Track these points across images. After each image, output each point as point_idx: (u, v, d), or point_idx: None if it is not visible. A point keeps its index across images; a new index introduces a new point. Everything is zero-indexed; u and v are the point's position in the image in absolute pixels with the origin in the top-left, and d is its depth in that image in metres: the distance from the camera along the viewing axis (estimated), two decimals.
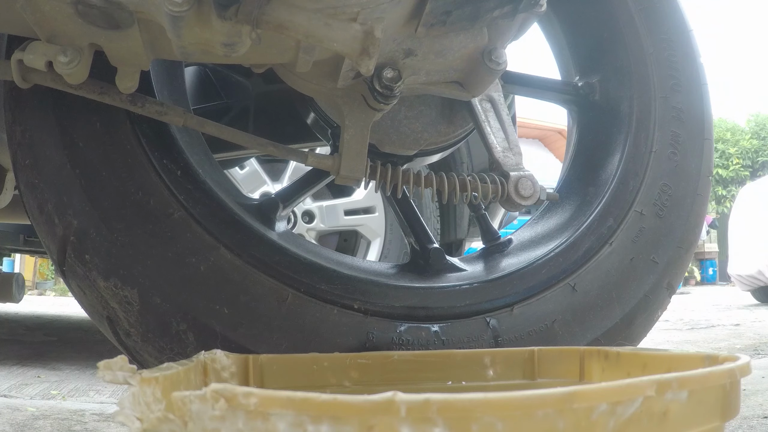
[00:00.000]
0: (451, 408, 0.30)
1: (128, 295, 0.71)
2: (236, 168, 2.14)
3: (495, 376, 0.68)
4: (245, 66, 0.79)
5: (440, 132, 0.85)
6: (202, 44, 0.61)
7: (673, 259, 0.89)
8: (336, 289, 0.77)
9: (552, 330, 0.82)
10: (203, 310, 0.72)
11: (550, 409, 0.32)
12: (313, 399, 0.30)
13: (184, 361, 0.54)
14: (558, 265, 0.85)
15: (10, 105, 0.77)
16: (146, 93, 0.74)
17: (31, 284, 9.68)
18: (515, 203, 0.79)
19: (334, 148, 0.85)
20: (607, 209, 0.88)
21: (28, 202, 0.76)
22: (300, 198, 0.93)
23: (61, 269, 0.75)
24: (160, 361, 0.71)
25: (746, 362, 0.43)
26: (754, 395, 1.28)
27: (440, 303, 0.80)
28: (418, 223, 0.89)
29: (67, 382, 1.70)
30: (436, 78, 0.73)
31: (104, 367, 0.40)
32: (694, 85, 0.95)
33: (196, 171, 0.77)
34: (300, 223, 2.24)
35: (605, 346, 0.66)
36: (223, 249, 0.74)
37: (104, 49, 0.64)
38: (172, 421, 0.32)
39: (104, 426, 1.13)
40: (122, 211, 0.72)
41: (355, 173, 0.73)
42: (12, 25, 0.63)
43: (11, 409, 1.24)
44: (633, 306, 0.86)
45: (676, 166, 0.91)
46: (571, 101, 0.99)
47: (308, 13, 0.55)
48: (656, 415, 0.35)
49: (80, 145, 0.73)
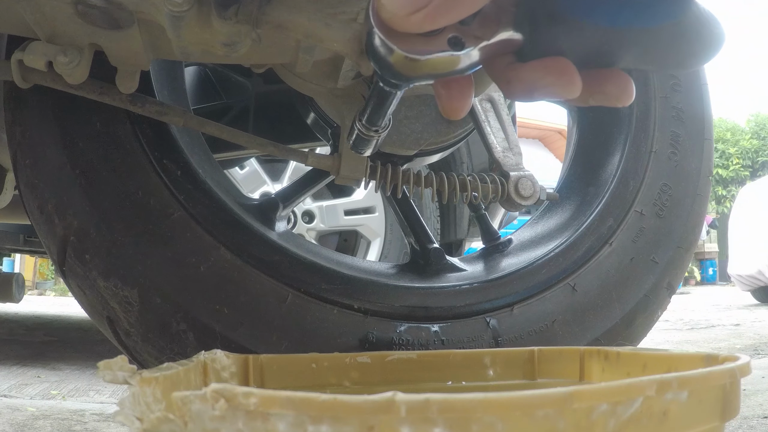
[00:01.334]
0: (451, 408, 0.30)
1: (128, 295, 0.71)
2: (236, 168, 2.14)
3: (495, 376, 0.68)
4: (245, 66, 0.80)
5: (440, 132, 0.85)
6: (202, 44, 0.61)
7: (673, 259, 0.89)
8: (336, 289, 0.77)
9: (552, 330, 0.82)
10: (203, 310, 0.72)
11: (550, 409, 0.32)
12: (313, 399, 0.30)
13: (184, 361, 0.54)
14: (558, 265, 0.85)
15: (10, 105, 0.77)
16: (146, 93, 0.74)
17: (31, 284, 9.68)
18: (515, 203, 0.79)
19: (334, 148, 0.85)
20: (607, 209, 0.88)
21: (28, 202, 0.76)
22: (300, 198, 0.93)
23: (61, 269, 0.75)
24: (160, 361, 0.71)
25: (746, 362, 0.43)
26: (754, 395, 1.28)
27: (440, 303, 0.80)
28: (418, 223, 0.89)
29: (67, 382, 1.70)
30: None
31: (104, 367, 0.40)
32: (694, 85, 0.95)
33: (196, 171, 0.77)
34: (300, 223, 2.24)
35: (605, 346, 0.66)
36: (223, 249, 0.74)
37: (104, 49, 0.64)
38: (172, 421, 0.32)
39: (104, 426, 1.13)
40: (122, 211, 0.72)
41: (355, 173, 0.73)
42: (12, 25, 0.63)
43: (11, 409, 1.24)
44: (633, 306, 0.86)
45: (676, 166, 0.91)
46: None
47: (308, 13, 0.55)
48: (656, 415, 0.35)
49: (80, 145, 0.73)
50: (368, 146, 0.57)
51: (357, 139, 0.56)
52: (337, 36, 0.56)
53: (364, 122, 0.53)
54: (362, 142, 0.56)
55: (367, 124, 0.53)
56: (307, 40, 0.57)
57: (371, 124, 0.53)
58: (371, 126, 0.53)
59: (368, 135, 0.55)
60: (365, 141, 0.56)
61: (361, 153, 0.58)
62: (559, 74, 0.42)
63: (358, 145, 0.57)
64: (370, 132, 0.54)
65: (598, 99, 0.45)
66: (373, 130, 0.54)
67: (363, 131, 0.54)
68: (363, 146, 0.57)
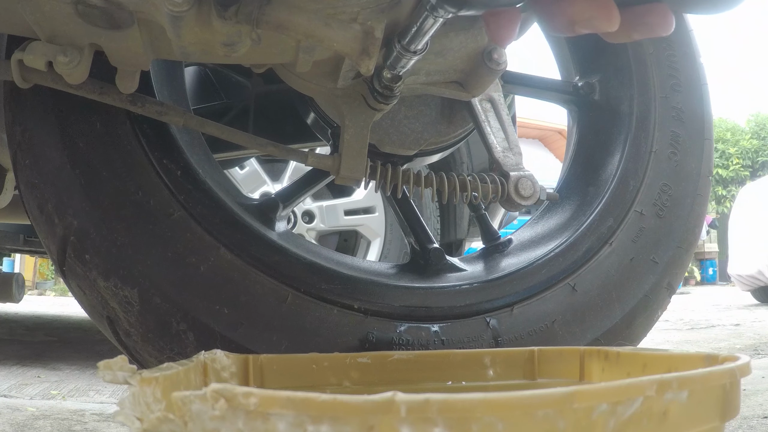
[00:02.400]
0: (451, 408, 0.30)
1: (128, 295, 0.71)
2: (236, 168, 2.14)
3: (495, 376, 0.68)
4: (245, 66, 0.79)
5: (440, 132, 0.85)
6: (202, 44, 0.61)
7: (673, 259, 0.89)
8: (336, 289, 0.77)
9: (552, 330, 0.82)
10: (203, 310, 0.72)
11: (550, 409, 0.32)
12: (313, 399, 0.30)
13: (184, 361, 0.54)
14: (558, 265, 0.85)
15: (10, 105, 0.77)
16: (146, 93, 0.74)
17: (31, 284, 9.69)
18: (515, 203, 0.79)
19: (334, 148, 0.85)
20: (607, 209, 0.88)
21: (28, 202, 0.76)
22: (300, 198, 0.93)
23: (61, 269, 0.75)
24: (160, 361, 0.71)
25: (746, 362, 0.43)
26: (754, 395, 1.28)
27: (440, 303, 0.80)
28: (418, 223, 0.89)
29: (67, 382, 1.70)
30: (436, 78, 0.73)
31: (104, 367, 0.40)
32: (694, 85, 0.95)
33: (196, 171, 0.77)
34: (300, 223, 2.24)
35: (605, 346, 0.66)
36: (223, 249, 0.74)
37: (104, 49, 0.64)
38: (172, 421, 0.32)
39: (104, 426, 1.13)
40: (122, 211, 0.72)
41: (355, 173, 0.73)
42: (12, 25, 0.63)
43: (11, 409, 1.24)
44: (633, 306, 0.86)
45: (676, 166, 0.91)
46: (571, 101, 0.99)
47: (308, 13, 0.55)
48: (656, 415, 0.35)
49: (80, 145, 0.73)
50: (404, 66, 0.63)
51: (395, 58, 0.62)
52: (337, 36, 0.56)
53: (404, 44, 0.59)
54: (399, 61, 0.62)
55: (407, 46, 0.59)
56: (307, 40, 0.58)
57: (411, 46, 0.59)
58: (410, 47, 0.59)
59: (406, 55, 0.60)
60: (402, 60, 0.62)
61: (396, 72, 0.65)
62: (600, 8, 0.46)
63: (395, 63, 0.63)
64: (407, 53, 0.60)
65: (642, 31, 0.49)
66: (411, 51, 0.60)
67: (402, 51, 0.60)
68: (399, 65, 0.63)
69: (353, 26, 0.56)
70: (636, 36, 0.49)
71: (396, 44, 0.60)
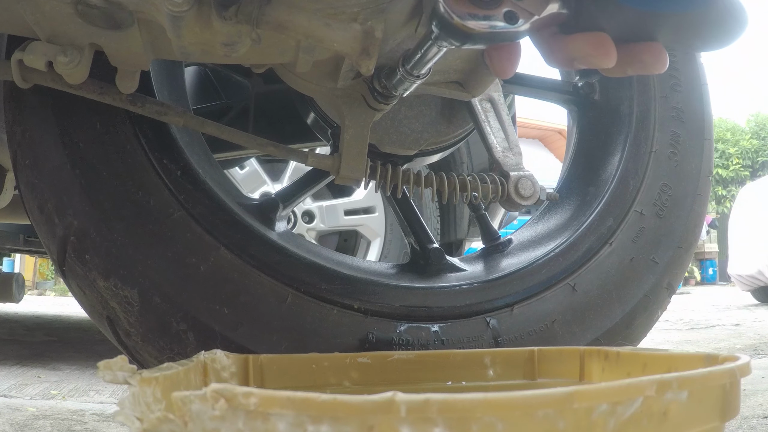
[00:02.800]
0: (451, 408, 0.30)
1: (128, 295, 0.71)
2: (236, 168, 2.14)
3: (495, 376, 0.68)
4: (245, 66, 0.79)
5: (440, 132, 0.85)
6: (202, 44, 0.61)
7: (673, 259, 0.89)
8: (336, 289, 0.77)
9: (552, 330, 0.82)
10: (203, 310, 0.72)
11: (550, 409, 0.32)
12: (313, 399, 0.30)
13: (184, 361, 0.54)
14: (558, 265, 0.85)
15: (10, 105, 0.77)
16: (146, 93, 0.74)
17: (31, 284, 9.68)
18: (515, 203, 0.79)
19: (334, 148, 0.85)
20: (607, 209, 0.88)
21: (28, 202, 0.76)
22: (300, 198, 0.93)
23: (61, 269, 0.75)
24: (160, 361, 0.71)
25: (746, 362, 0.43)
26: (754, 395, 1.28)
27: (440, 303, 0.80)
28: (418, 223, 0.89)
29: (67, 382, 1.70)
30: (436, 78, 0.73)
31: (104, 367, 0.40)
32: (694, 85, 0.95)
33: (196, 171, 0.77)
34: (300, 223, 2.24)
35: (605, 346, 0.66)
36: (223, 249, 0.74)
37: (104, 49, 0.64)
38: (172, 421, 0.32)
39: (104, 426, 1.13)
40: (122, 211, 0.72)
41: (355, 173, 0.73)
42: (12, 25, 0.63)
43: (11, 409, 1.24)
44: (633, 306, 0.86)
45: (676, 166, 0.91)
46: (571, 101, 0.99)
47: (308, 13, 0.55)
48: (656, 415, 0.35)
49: (80, 145, 0.73)
50: (406, 88, 0.66)
51: (398, 81, 0.65)
52: (337, 36, 0.56)
53: (408, 68, 0.62)
54: (402, 84, 0.65)
55: (410, 71, 0.62)
56: (307, 40, 0.58)
57: (414, 71, 0.62)
58: (414, 72, 0.62)
59: (409, 78, 0.63)
60: (405, 83, 0.65)
61: (399, 93, 0.68)
62: (598, 47, 0.48)
63: (398, 85, 0.66)
64: (410, 77, 0.63)
65: (636, 68, 0.51)
66: (414, 76, 0.63)
67: (405, 75, 0.63)
68: (402, 87, 0.66)
69: (353, 26, 0.56)
70: (630, 72, 0.51)
71: (400, 68, 0.63)
